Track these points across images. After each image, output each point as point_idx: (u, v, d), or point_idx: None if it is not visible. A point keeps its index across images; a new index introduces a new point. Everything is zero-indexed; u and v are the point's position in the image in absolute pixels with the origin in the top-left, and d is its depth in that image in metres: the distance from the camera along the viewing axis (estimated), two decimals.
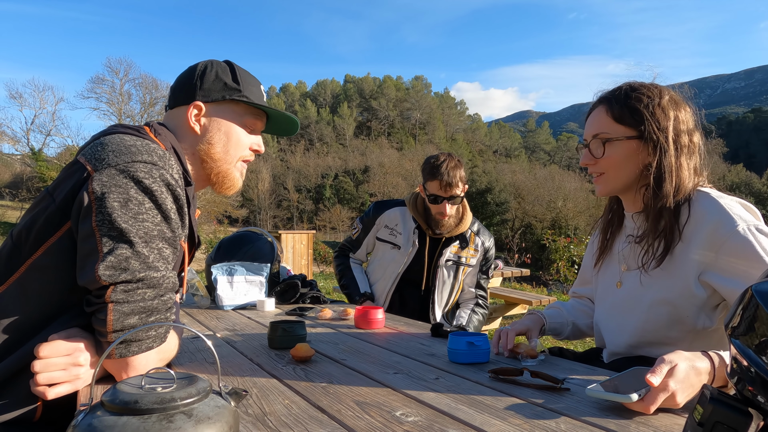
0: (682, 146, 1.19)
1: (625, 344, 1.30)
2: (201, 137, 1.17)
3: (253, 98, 1.21)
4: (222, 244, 2.28)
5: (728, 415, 0.56)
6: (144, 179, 0.94)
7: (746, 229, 1.08)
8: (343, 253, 2.59)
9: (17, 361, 0.93)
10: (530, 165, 63.45)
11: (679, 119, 1.19)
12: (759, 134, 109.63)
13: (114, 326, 0.91)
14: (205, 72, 1.18)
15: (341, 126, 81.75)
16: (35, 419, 0.95)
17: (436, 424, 0.83)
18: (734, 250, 1.09)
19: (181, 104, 1.18)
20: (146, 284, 0.93)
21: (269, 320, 1.72)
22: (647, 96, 1.19)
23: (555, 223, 31.52)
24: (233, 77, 1.19)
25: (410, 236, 2.33)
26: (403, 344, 1.45)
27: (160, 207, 0.95)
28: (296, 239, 9.27)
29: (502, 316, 5.47)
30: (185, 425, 0.58)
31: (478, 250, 2.38)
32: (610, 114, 1.21)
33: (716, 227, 1.11)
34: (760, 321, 0.54)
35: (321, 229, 40.69)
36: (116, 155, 0.95)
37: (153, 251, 0.94)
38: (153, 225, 0.94)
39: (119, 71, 33.75)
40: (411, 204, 2.35)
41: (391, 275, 2.36)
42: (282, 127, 1.34)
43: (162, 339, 0.97)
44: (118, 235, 0.91)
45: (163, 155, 1.00)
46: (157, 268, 0.94)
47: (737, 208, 1.13)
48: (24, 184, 30.38)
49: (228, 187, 1.23)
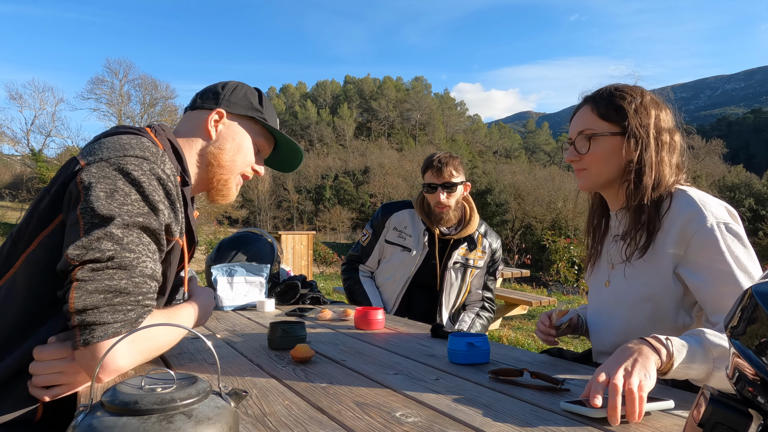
0: (663, 143, 1.24)
1: (610, 343, 1.31)
2: (214, 141, 1.22)
3: (270, 123, 1.29)
4: (222, 244, 2.28)
5: (728, 415, 0.56)
6: (132, 171, 0.94)
7: (714, 224, 1.12)
8: (351, 266, 2.49)
9: (16, 361, 0.93)
10: (530, 166, 63.47)
11: (660, 118, 1.24)
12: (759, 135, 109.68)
13: (75, 305, 0.85)
14: (235, 89, 1.26)
15: (341, 127, 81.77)
16: (36, 420, 0.95)
17: (436, 425, 0.83)
18: (700, 244, 1.13)
19: (205, 107, 1.23)
20: (117, 264, 0.88)
21: (269, 321, 1.72)
22: (630, 95, 1.25)
23: (555, 224, 31.52)
24: (259, 101, 1.28)
25: (420, 238, 2.31)
26: (403, 345, 1.45)
27: (147, 198, 0.94)
28: (296, 240, 9.27)
29: (502, 317, 5.47)
30: (185, 426, 0.58)
31: (485, 252, 2.37)
32: (595, 111, 1.27)
33: (688, 221, 1.15)
34: (759, 322, 0.54)
35: (321, 230, 40.71)
36: (109, 151, 0.97)
37: (131, 235, 0.91)
38: (137, 214, 0.92)
39: (119, 72, 33.84)
40: (417, 205, 2.35)
41: (401, 278, 2.33)
42: (285, 162, 1.41)
43: (131, 324, 0.89)
44: (100, 221, 0.89)
45: (156, 152, 1.01)
46: (133, 250, 0.90)
47: (712, 206, 1.16)
48: (24, 185, 30.41)
49: (223, 195, 1.27)
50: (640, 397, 0.82)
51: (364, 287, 2.39)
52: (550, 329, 1.39)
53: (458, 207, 2.32)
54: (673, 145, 1.26)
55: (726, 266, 1.09)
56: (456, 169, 2.24)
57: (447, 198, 2.23)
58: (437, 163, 2.22)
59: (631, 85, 1.30)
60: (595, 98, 1.28)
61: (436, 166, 2.22)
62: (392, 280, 2.35)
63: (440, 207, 2.25)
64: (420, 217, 2.33)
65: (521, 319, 6.35)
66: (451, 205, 2.26)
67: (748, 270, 1.09)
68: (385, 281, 2.38)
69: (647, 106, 1.24)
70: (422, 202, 2.35)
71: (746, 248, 1.12)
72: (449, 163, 2.23)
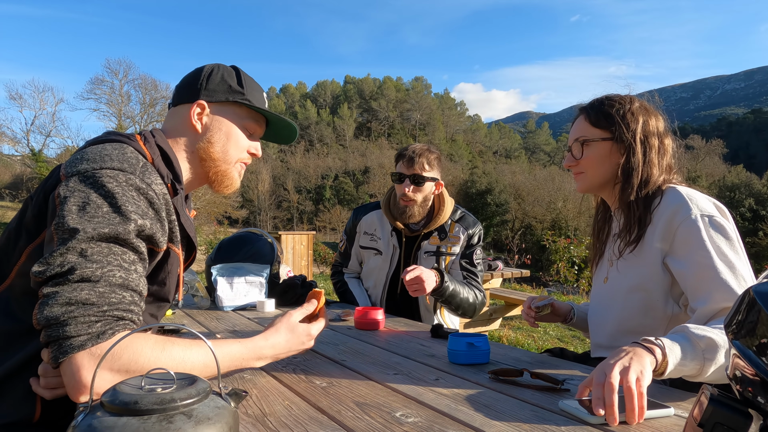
0: (651, 146, 1.32)
1: (606, 334, 1.40)
2: (201, 135, 1.18)
3: (255, 103, 1.22)
4: (222, 245, 2.28)
5: (728, 415, 0.56)
6: (107, 183, 0.92)
7: (698, 216, 1.19)
8: (337, 270, 2.49)
9: (16, 361, 0.93)
10: (530, 166, 63.52)
11: (648, 123, 1.34)
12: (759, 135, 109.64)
13: (38, 320, 0.81)
14: (211, 74, 1.19)
15: (341, 127, 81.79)
16: (34, 420, 0.94)
17: (435, 425, 0.83)
18: (684, 234, 1.20)
19: (184, 102, 1.19)
20: (78, 276, 0.84)
21: (269, 321, 1.72)
22: (619, 103, 1.36)
23: (555, 224, 31.52)
24: (238, 81, 1.21)
25: (389, 240, 2.24)
26: (403, 345, 1.45)
27: (119, 209, 0.91)
28: (296, 240, 9.27)
29: (502, 317, 5.47)
30: (185, 426, 0.58)
31: (459, 237, 2.21)
32: (587, 120, 1.39)
33: (674, 213, 1.22)
34: (760, 322, 0.54)
35: (321, 230, 40.70)
36: (88, 162, 0.95)
37: (97, 246, 0.87)
38: (105, 224, 0.89)
39: (119, 72, 33.83)
40: (384, 204, 2.26)
41: (379, 282, 2.28)
42: (281, 135, 1.35)
43: (97, 337, 0.82)
44: (68, 236, 0.87)
45: (135, 163, 0.99)
46: (98, 261, 0.86)
47: (699, 200, 1.23)
48: (24, 185, 30.45)
49: (226, 186, 1.24)
50: (639, 393, 0.82)
51: (350, 287, 2.35)
52: (530, 311, 1.53)
53: (425, 205, 2.17)
54: (663, 148, 1.34)
55: (706, 256, 1.14)
56: (429, 164, 2.10)
57: (413, 192, 2.09)
58: (410, 154, 2.09)
59: (622, 95, 1.40)
60: (588, 108, 1.41)
61: (408, 156, 2.09)
62: (374, 284, 2.31)
63: (405, 200, 2.11)
64: (387, 218, 2.24)
65: (521, 319, 6.35)
66: (417, 200, 2.11)
67: (730, 261, 1.14)
68: (369, 286, 2.34)
69: (635, 112, 1.33)
70: (389, 201, 2.25)
71: (729, 240, 1.17)
72: (423, 155, 2.09)
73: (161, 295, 1.12)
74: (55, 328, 0.82)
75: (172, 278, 1.13)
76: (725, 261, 1.13)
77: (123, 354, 0.84)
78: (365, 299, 2.33)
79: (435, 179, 2.14)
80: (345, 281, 2.40)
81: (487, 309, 5.22)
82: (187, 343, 0.93)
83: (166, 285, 1.11)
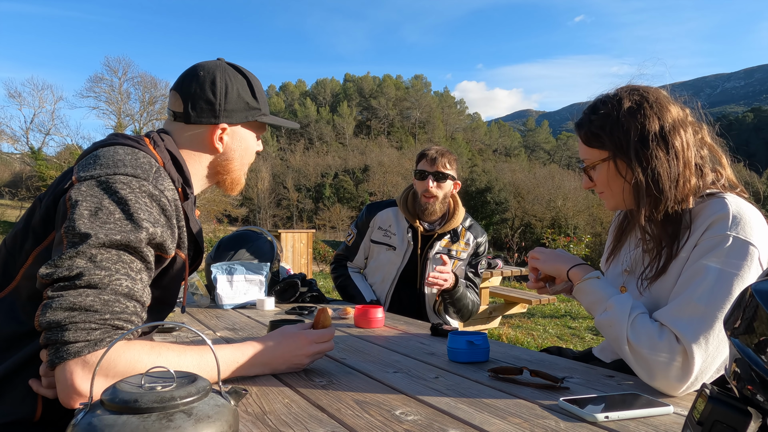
0: (652, 156, 1.11)
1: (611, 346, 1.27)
2: (222, 155, 1.20)
3: (267, 111, 1.26)
4: (222, 243, 2.28)
5: (727, 414, 0.56)
6: (120, 190, 0.92)
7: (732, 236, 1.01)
8: (339, 264, 2.52)
9: (17, 361, 0.93)
10: (530, 164, 63.44)
11: (644, 126, 1.12)
12: (759, 133, 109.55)
13: (39, 322, 0.81)
14: (227, 92, 1.16)
15: (341, 125, 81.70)
16: (35, 419, 0.94)
17: (435, 423, 0.83)
18: (705, 244, 1.03)
19: (203, 122, 1.16)
20: (86, 282, 0.84)
21: (269, 319, 1.72)
22: (605, 114, 1.16)
23: (555, 222, 31.55)
24: (252, 93, 1.21)
25: (404, 236, 2.33)
26: (403, 343, 1.45)
27: (131, 216, 0.91)
28: (296, 238, 9.26)
29: (501, 315, 5.47)
30: (185, 424, 0.58)
31: (469, 245, 2.37)
32: (582, 140, 1.24)
33: (710, 225, 1.05)
34: (759, 320, 0.54)
35: (321, 228, 40.71)
36: (101, 167, 0.95)
37: (107, 253, 0.87)
38: (117, 232, 0.88)
39: (118, 70, 33.84)
40: (401, 202, 2.36)
41: (388, 277, 2.34)
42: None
43: (94, 345, 0.82)
44: (79, 240, 0.87)
45: (149, 168, 0.99)
46: (107, 268, 0.86)
47: (749, 223, 1.02)
48: (23, 183, 30.39)
49: (234, 189, 1.28)
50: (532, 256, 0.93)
51: (355, 281, 2.41)
52: (537, 284, 1.35)
53: (444, 202, 2.32)
54: (675, 150, 1.11)
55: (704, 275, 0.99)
56: (450, 163, 2.29)
57: (436, 187, 2.25)
58: (433, 153, 2.28)
59: (609, 99, 1.19)
60: (578, 126, 1.25)
61: (431, 156, 2.28)
62: (381, 279, 2.36)
63: (427, 196, 2.26)
64: (404, 215, 2.34)
65: (521, 317, 6.36)
66: (438, 197, 2.26)
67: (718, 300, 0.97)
68: (375, 281, 2.39)
69: (623, 121, 1.14)
70: (407, 199, 2.36)
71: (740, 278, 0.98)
72: (444, 155, 2.28)
73: (164, 300, 1.12)
74: (55, 332, 0.82)
75: (177, 283, 1.13)
76: (714, 295, 0.98)
77: (119, 361, 0.84)
78: (370, 293, 2.38)
79: (454, 178, 2.33)
80: (348, 275, 2.45)
81: (486, 307, 5.22)
82: (181, 348, 0.94)
83: (170, 290, 1.11)
